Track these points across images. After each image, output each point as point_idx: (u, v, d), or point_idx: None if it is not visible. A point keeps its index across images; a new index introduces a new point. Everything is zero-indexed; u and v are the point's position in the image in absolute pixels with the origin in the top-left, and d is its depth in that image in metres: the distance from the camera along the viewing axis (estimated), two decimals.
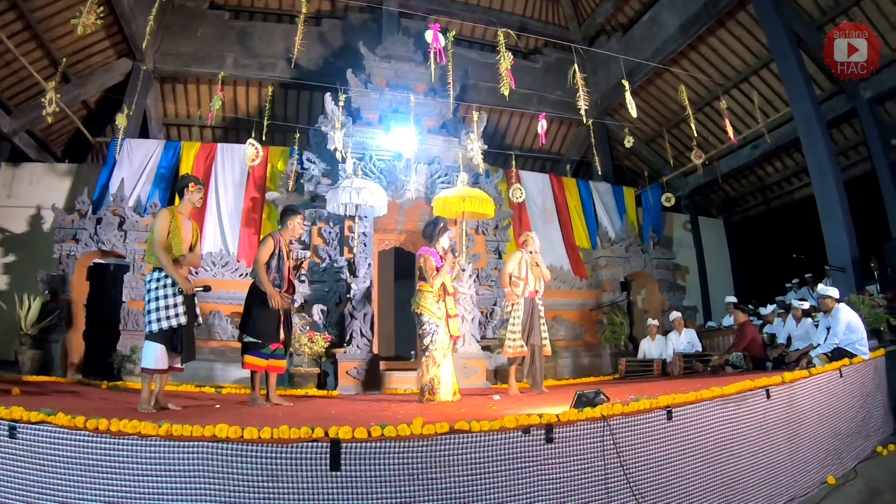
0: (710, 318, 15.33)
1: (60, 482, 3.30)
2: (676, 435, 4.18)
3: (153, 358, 5.27)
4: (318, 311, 10.57)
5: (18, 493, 3.34)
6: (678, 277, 15.47)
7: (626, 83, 9.83)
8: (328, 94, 11.29)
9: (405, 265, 12.82)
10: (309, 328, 10.16)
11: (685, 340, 11.21)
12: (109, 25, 12.73)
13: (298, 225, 6.59)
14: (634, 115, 9.85)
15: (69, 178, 12.69)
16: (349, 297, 10.26)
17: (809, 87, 10.79)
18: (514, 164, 13.69)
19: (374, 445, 3.28)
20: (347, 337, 9.98)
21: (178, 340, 5.38)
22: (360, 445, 3.27)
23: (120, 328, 10.55)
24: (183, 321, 5.37)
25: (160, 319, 5.27)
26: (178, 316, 5.33)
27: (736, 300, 12.22)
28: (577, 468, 3.64)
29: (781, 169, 16.37)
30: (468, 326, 10.37)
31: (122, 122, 11.47)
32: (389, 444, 3.31)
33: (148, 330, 5.30)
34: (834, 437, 5.71)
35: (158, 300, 5.31)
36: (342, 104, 10.82)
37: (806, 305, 10.02)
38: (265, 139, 11.67)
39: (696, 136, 12.33)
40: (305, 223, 11.32)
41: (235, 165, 12.63)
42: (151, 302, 5.33)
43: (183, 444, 3.28)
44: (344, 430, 3.35)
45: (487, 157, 11.97)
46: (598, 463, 3.71)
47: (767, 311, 11.43)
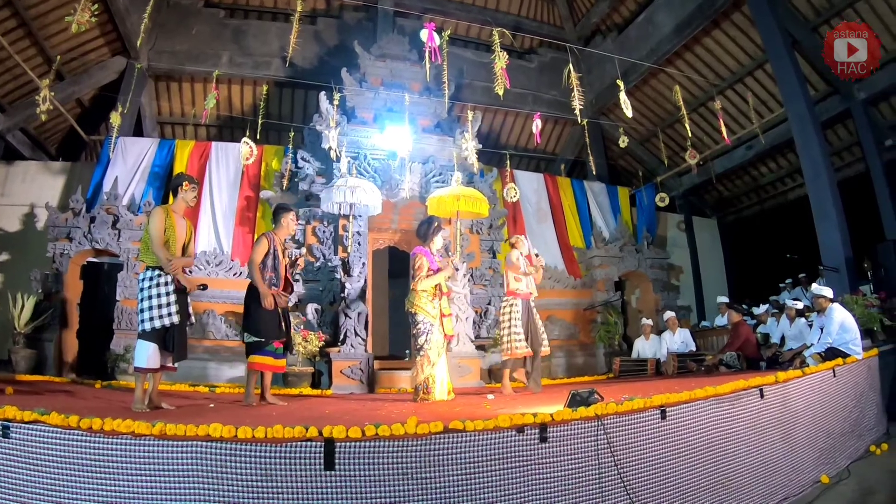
0: (703, 317, 15.36)
1: (54, 482, 3.28)
2: (670, 434, 4.18)
3: (146, 357, 5.26)
4: (312, 310, 10.56)
5: (12, 492, 3.33)
6: (672, 277, 15.50)
7: (620, 83, 9.83)
8: (323, 92, 11.27)
9: (399, 264, 12.82)
10: (303, 327, 10.15)
11: (679, 340, 11.23)
12: (104, 23, 12.67)
13: (292, 222, 6.58)
14: (630, 115, 9.86)
15: (63, 176, 12.65)
16: (343, 296, 10.25)
17: (804, 87, 10.82)
18: (508, 163, 13.68)
19: (368, 445, 3.28)
20: (342, 336, 9.96)
21: (170, 339, 5.38)
22: (354, 445, 3.26)
23: (114, 327, 10.52)
24: (176, 320, 5.35)
25: (153, 318, 5.26)
26: (171, 315, 5.32)
27: (728, 300, 12.27)
28: (571, 467, 3.64)
29: (776, 169, 16.42)
30: (462, 326, 10.37)
31: (116, 120, 11.42)
32: (384, 443, 3.31)
33: (141, 329, 5.29)
34: (827, 436, 5.73)
35: (151, 299, 5.30)
36: (337, 103, 10.80)
37: (800, 305, 10.05)
38: (260, 138, 11.66)
39: (690, 136, 12.35)
40: (300, 222, 11.32)
41: (230, 164, 12.59)
42: (144, 301, 5.31)
43: (177, 443, 3.27)
44: (338, 429, 3.34)
45: (482, 156, 11.98)
46: (592, 462, 3.72)
47: (760, 310, 11.46)
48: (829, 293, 8.16)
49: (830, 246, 10.17)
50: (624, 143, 12.53)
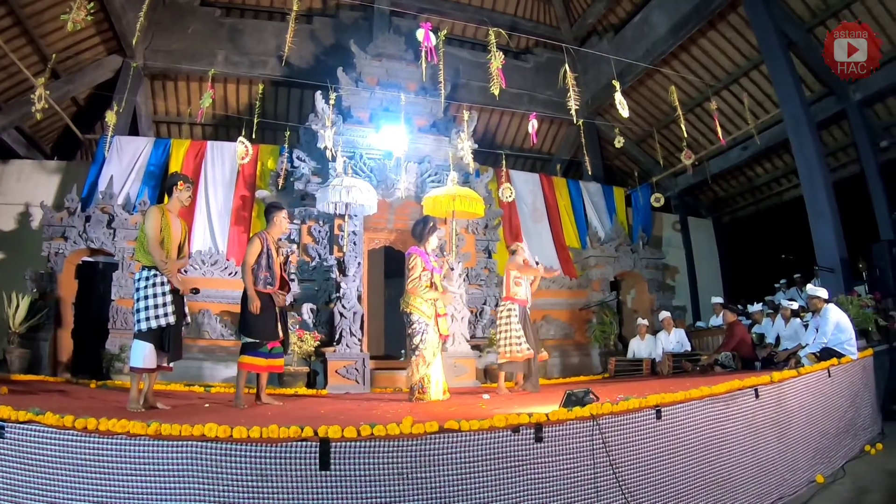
0: (699, 317, 15.37)
1: (49, 482, 3.28)
2: (665, 434, 4.19)
3: (142, 357, 5.25)
4: (307, 309, 10.55)
5: (6, 493, 3.32)
6: (667, 277, 15.51)
7: (616, 84, 9.83)
8: (319, 92, 11.26)
9: (395, 264, 12.80)
10: (298, 327, 10.15)
11: (674, 340, 11.25)
12: (100, 22, 12.65)
13: (284, 220, 6.57)
14: (626, 115, 9.86)
15: (58, 175, 12.62)
16: (339, 295, 10.24)
17: (799, 88, 10.86)
18: (504, 163, 13.69)
19: (363, 445, 3.28)
20: (337, 336, 9.96)
21: (167, 339, 5.37)
22: (349, 445, 3.26)
23: (109, 326, 10.49)
24: (172, 320, 5.35)
25: (149, 318, 5.25)
26: (167, 315, 5.31)
27: (722, 301, 12.29)
28: (566, 467, 3.65)
29: (771, 170, 16.45)
30: (458, 326, 10.37)
31: (111, 119, 11.38)
32: (379, 443, 3.31)
33: (137, 329, 5.28)
34: (822, 436, 5.75)
35: (147, 299, 5.29)
36: (333, 102, 10.80)
37: (795, 305, 10.07)
38: (255, 137, 11.62)
39: (686, 136, 12.36)
40: (295, 221, 11.32)
41: (225, 163, 12.57)
42: (140, 301, 5.30)
43: (172, 443, 3.26)
44: (333, 429, 3.34)
45: (478, 156, 11.97)
46: (587, 462, 3.72)
47: (755, 308, 11.48)
48: (823, 294, 8.18)
49: (825, 246, 10.20)
50: (620, 143, 12.52)
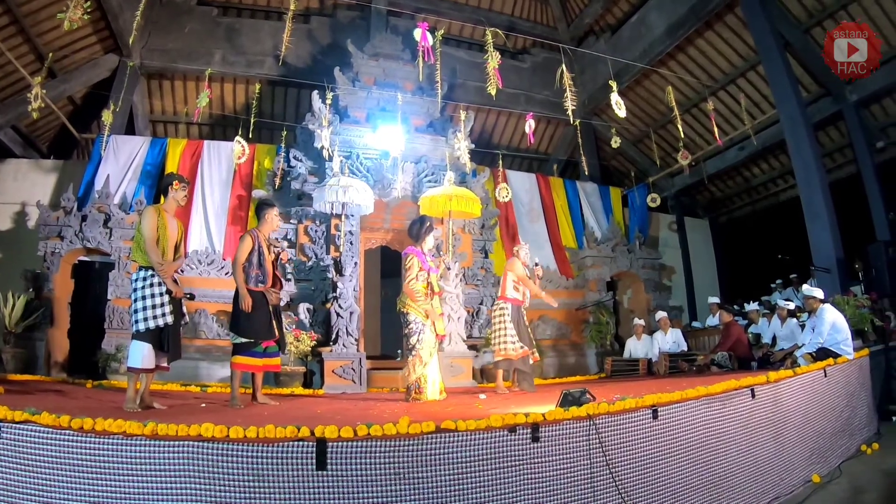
0: (695, 318, 15.39)
1: (45, 482, 3.27)
2: (662, 434, 4.20)
3: (140, 357, 5.24)
4: (304, 309, 10.55)
5: (2, 493, 3.31)
6: (664, 277, 15.53)
7: (613, 84, 9.83)
8: (316, 91, 11.26)
9: (391, 264, 12.80)
10: (295, 327, 10.14)
11: (671, 340, 11.25)
12: (96, 20, 12.61)
13: (275, 218, 6.50)
14: (623, 115, 9.86)
15: (54, 174, 12.59)
16: (335, 295, 10.22)
17: (796, 89, 10.87)
18: (501, 163, 13.67)
19: (360, 445, 3.28)
20: (333, 336, 9.96)
21: (165, 339, 5.36)
22: (346, 445, 3.26)
23: (105, 326, 10.47)
24: (170, 320, 5.34)
25: (147, 319, 5.24)
26: (164, 315, 5.31)
27: (718, 301, 12.31)
28: (562, 467, 3.65)
29: (767, 170, 16.48)
30: (454, 325, 10.37)
31: (108, 118, 11.34)
32: (375, 443, 3.31)
33: (135, 329, 5.27)
34: (819, 436, 5.76)
35: (145, 299, 5.28)
36: (329, 102, 10.78)
37: (791, 306, 10.09)
38: (252, 137, 11.61)
39: (682, 137, 12.35)
40: (292, 221, 11.32)
41: (222, 163, 12.55)
42: (138, 301, 5.29)
43: (168, 443, 3.26)
44: (330, 429, 3.34)
45: (474, 156, 11.97)
46: (583, 462, 3.73)
47: (751, 307, 11.50)
48: (819, 294, 8.20)
49: (822, 247, 10.22)
50: (616, 143, 12.55)
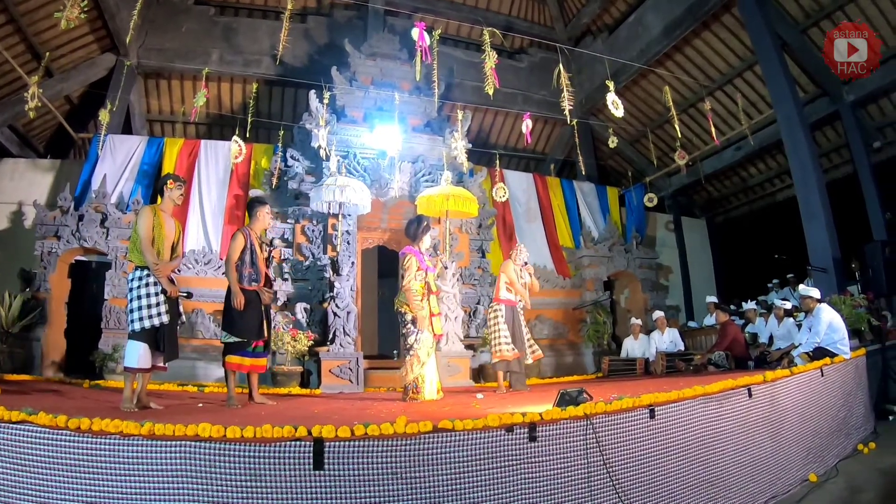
0: (692, 317, 15.40)
1: (42, 482, 3.26)
2: (659, 433, 4.20)
3: (136, 357, 5.23)
4: (301, 309, 10.55)
5: None
6: (661, 277, 15.54)
7: (610, 84, 9.82)
8: (313, 91, 11.25)
9: (388, 264, 12.82)
10: (292, 326, 10.13)
11: (668, 339, 11.27)
12: (93, 20, 12.59)
13: (267, 215, 6.46)
14: (620, 115, 9.85)
15: (51, 173, 12.56)
16: (332, 295, 10.23)
17: (793, 89, 10.87)
18: (498, 163, 13.67)
19: (357, 444, 3.28)
20: (331, 335, 9.96)
21: (161, 339, 5.34)
22: (343, 444, 3.26)
23: (102, 326, 10.47)
24: (165, 320, 5.33)
25: (143, 318, 5.24)
26: (160, 315, 5.29)
27: (716, 300, 12.32)
28: (560, 467, 3.65)
29: (764, 170, 16.49)
30: (452, 325, 10.37)
31: (105, 117, 11.32)
32: (373, 443, 3.30)
33: (131, 329, 5.27)
34: (815, 435, 5.76)
35: (141, 299, 5.27)
36: (327, 102, 10.77)
37: (788, 305, 10.11)
38: (249, 136, 11.61)
39: (679, 136, 12.36)
40: (289, 220, 11.32)
41: (219, 162, 12.54)
42: (134, 301, 5.29)
43: (165, 443, 3.25)
44: (327, 429, 3.33)
45: (472, 156, 11.99)
46: (581, 461, 3.73)
47: (748, 306, 11.52)
48: (816, 294, 8.20)
49: (818, 246, 10.22)
50: (613, 143, 12.55)
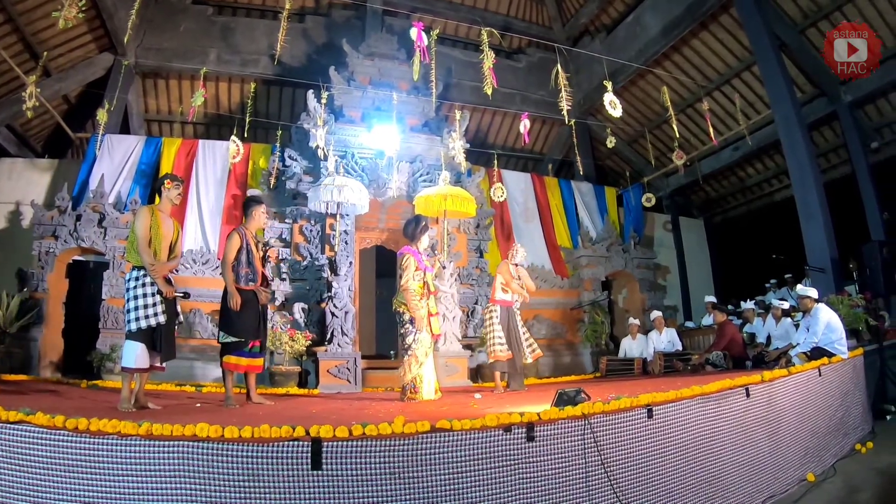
0: (690, 317, 15.40)
1: (39, 482, 3.26)
2: (657, 433, 4.20)
3: (133, 357, 5.23)
4: (299, 309, 10.54)
5: None
6: (659, 277, 15.55)
7: (608, 84, 9.82)
8: (311, 91, 11.24)
9: (386, 264, 12.81)
10: (290, 326, 10.12)
11: (666, 339, 11.28)
12: (91, 19, 12.58)
13: (262, 215, 6.45)
14: (618, 115, 9.85)
15: (49, 173, 12.53)
16: (330, 295, 10.22)
17: (791, 89, 10.88)
18: (496, 163, 13.68)
19: (355, 444, 3.27)
20: (328, 335, 9.95)
21: (158, 339, 5.34)
22: (341, 444, 3.25)
23: (99, 326, 10.45)
24: (162, 320, 5.33)
25: (139, 319, 5.23)
26: (157, 315, 5.29)
27: (715, 300, 12.31)
28: (558, 466, 3.64)
29: (762, 170, 16.51)
30: (450, 325, 10.37)
31: (102, 117, 11.33)
32: (371, 442, 3.30)
33: (128, 329, 5.26)
34: (813, 435, 5.77)
35: (138, 299, 5.27)
36: (325, 102, 10.77)
37: (786, 305, 10.11)
38: (247, 136, 11.59)
39: (677, 136, 12.36)
40: (287, 220, 11.32)
41: (217, 162, 12.53)
42: (131, 301, 5.28)
43: (163, 443, 3.25)
44: (325, 429, 3.33)
45: (470, 155, 11.97)
46: (579, 461, 3.72)
47: (747, 306, 11.53)
48: (814, 293, 8.21)
49: (816, 247, 10.23)
50: (611, 143, 12.54)
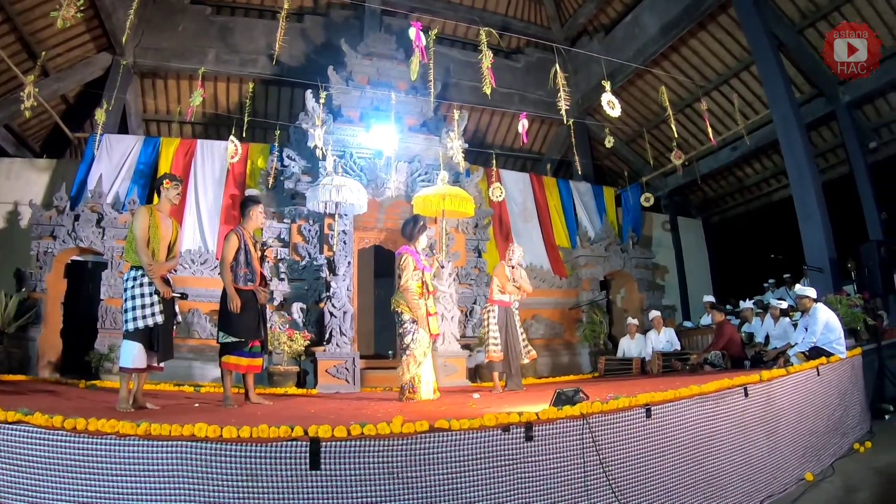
0: (688, 317, 15.41)
1: (38, 483, 3.26)
2: (655, 433, 4.20)
3: (131, 357, 5.22)
4: (297, 309, 10.53)
5: None
6: (657, 277, 15.56)
7: (606, 84, 9.82)
8: (309, 91, 11.25)
9: (385, 263, 12.80)
10: (288, 326, 10.12)
11: (664, 339, 11.28)
12: (90, 19, 12.58)
13: (260, 214, 6.44)
14: (616, 115, 9.84)
15: (47, 173, 12.51)
16: (329, 295, 10.21)
17: (789, 89, 10.89)
18: (494, 163, 13.69)
19: (353, 444, 3.27)
20: (327, 335, 9.94)
21: (155, 339, 5.33)
22: (339, 444, 3.26)
23: (98, 326, 10.43)
24: (160, 320, 5.32)
25: (136, 318, 5.22)
26: (154, 315, 5.28)
27: (713, 300, 12.32)
28: (556, 466, 3.65)
29: (760, 170, 16.52)
30: (448, 325, 10.36)
31: (101, 117, 11.32)
32: (369, 442, 3.30)
33: (125, 329, 5.25)
34: (811, 434, 5.77)
35: (136, 299, 5.26)
36: (323, 101, 10.78)
37: (784, 305, 10.12)
38: (245, 136, 11.57)
39: (676, 136, 12.37)
40: (285, 220, 11.31)
41: (215, 162, 12.51)
42: (129, 301, 5.27)
43: (162, 443, 3.25)
44: (323, 428, 3.33)
45: (468, 155, 11.98)
46: (577, 461, 3.72)
47: (745, 305, 11.53)
48: (812, 293, 8.21)
49: (814, 246, 10.24)
50: (610, 143, 12.54)
